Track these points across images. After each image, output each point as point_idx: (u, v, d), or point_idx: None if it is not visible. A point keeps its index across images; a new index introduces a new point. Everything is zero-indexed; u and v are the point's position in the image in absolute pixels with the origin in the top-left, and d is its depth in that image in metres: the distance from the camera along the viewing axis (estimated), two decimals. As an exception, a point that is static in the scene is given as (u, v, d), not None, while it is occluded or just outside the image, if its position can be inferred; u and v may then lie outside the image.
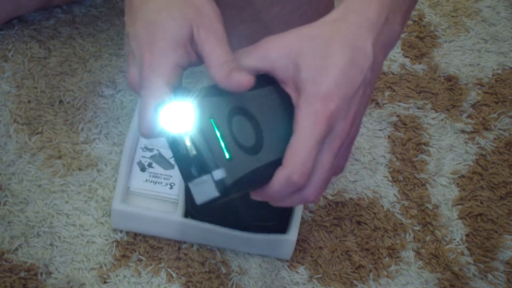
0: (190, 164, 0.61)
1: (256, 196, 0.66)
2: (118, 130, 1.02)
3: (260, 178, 0.64)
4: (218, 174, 0.60)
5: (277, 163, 0.63)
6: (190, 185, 0.62)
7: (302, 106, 0.62)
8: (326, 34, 0.63)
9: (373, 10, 0.64)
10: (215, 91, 0.64)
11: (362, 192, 1.01)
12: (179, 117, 0.61)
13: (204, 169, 0.61)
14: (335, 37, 0.63)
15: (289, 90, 0.64)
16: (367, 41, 0.63)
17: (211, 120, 0.62)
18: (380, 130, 1.07)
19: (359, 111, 0.64)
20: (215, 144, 0.61)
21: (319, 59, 0.62)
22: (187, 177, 0.62)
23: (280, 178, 0.62)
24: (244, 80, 0.63)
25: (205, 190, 0.61)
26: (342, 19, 0.64)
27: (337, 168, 0.66)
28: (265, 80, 0.66)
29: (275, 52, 0.64)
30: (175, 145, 0.62)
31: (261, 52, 0.65)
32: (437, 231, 0.99)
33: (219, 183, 0.60)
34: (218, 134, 0.62)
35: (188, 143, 0.61)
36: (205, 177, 0.61)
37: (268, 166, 0.63)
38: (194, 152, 0.61)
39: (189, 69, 0.68)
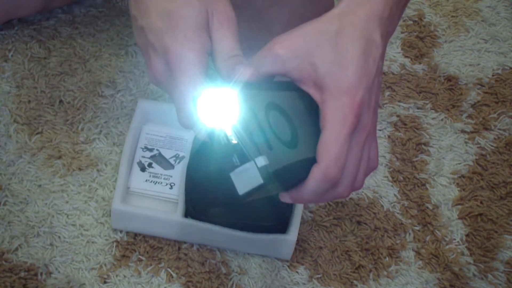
0: (231, 153, 0.61)
1: (287, 198, 0.66)
2: (118, 130, 1.02)
3: (296, 176, 0.63)
4: (262, 161, 0.60)
5: (311, 161, 0.62)
6: (232, 175, 0.61)
7: (328, 102, 0.62)
8: (335, 28, 0.64)
9: (379, 3, 0.65)
10: (250, 85, 0.64)
11: (362, 192, 1.01)
12: (218, 108, 0.61)
13: (246, 157, 0.60)
14: (346, 30, 0.63)
15: (308, 88, 0.64)
16: (376, 32, 0.64)
17: (251, 109, 0.62)
18: (380, 130, 1.07)
19: (377, 100, 0.65)
20: (256, 133, 0.61)
21: (334, 53, 0.63)
22: (228, 165, 0.61)
23: (316, 175, 0.62)
24: (247, 73, 0.64)
25: (248, 178, 0.60)
26: (350, 12, 0.64)
27: (370, 161, 0.66)
28: (288, 85, 0.66)
29: (285, 53, 0.64)
30: (214, 135, 0.62)
31: (271, 55, 0.64)
32: (437, 231, 0.99)
33: (262, 170, 0.59)
34: (258, 124, 0.61)
35: (228, 132, 0.61)
36: (248, 165, 0.60)
37: (304, 163, 0.63)
38: (235, 140, 0.61)
39: None
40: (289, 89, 0.65)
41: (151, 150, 0.99)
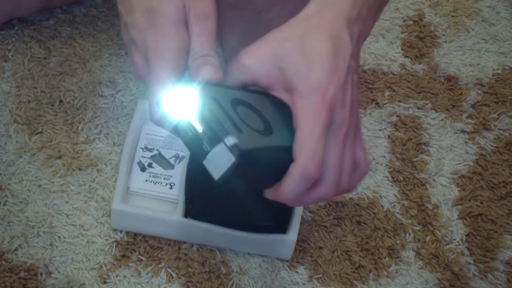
0: (200, 142, 0.60)
1: (270, 195, 0.66)
2: (118, 130, 1.02)
3: (274, 166, 0.62)
4: (231, 139, 0.59)
5: (289, 152, 0.62)
6: (205, 162, 0.60)
7: (299, 102, 0.62)
8: (301, 30, 0.64)
9: (347, 4, 0.65)
10: (217, 83, 0.64)
11: (362, 192, 1.01)
12: (181, 102, 0.61)
13: (215, 140, 0.59)
14: (312, 31, 0.64)
15: (279, 94, 0.64)
16: (343, 31, 0.64)
17: (215, 100, 0.62)
18: (380, 130, 1.07)
19: (354, 99, 0.65)
20: (223, 119, 0.60)
21: (301, 54, 0.63)
22: (200, 156, 0.60)
23: (294, 173, 0.62)
24: (210, 74, 0.64)
25: (221, 161, 0.59)
26: (317, 13, 0.65)
27: (359, 165, 0.66)
28: (258, 91, 0.66)
29: (252, 63, 0.64)
30: (181, 129, 0.62)
31: (238, 66, 0.65)
32: (437, 231, 0.99)
33: (233, 148, 0.58)
34: (225, 113, 0.61)
35: (194, 123, 0.60)
36: (218, 147, 0.59)
37: (281, 153, 0.62)
38: (201, 128, 0.60)
39: None
40: (259, 93, 0.65)
41: (151, 150, 0.99)
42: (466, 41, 1.18)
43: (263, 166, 0.62)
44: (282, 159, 0.62)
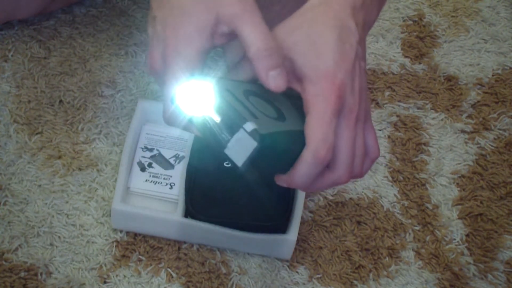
0: (219, 132, 0.61)
1: (282, 181, 0.66)
2: (118, 130, 1.02)
3: (289, 150, 0.63)
4: (250, 125, 0.60)
5: (303, 136, 0.63)
6: (227, 151, 0.61)
7: (309, 88, 0.64)
8: (308, 20, 0.66)
9: None
10: (227, 78, 0.65)
11: (362, 192, 1.01)
12: (196, 95, 0.62)
13: (234, 128, 0.60)
14: (318, 20, 0.65)
15: (290, 84, 0.65)
16: (349, 20, 0.66)
17: (229, 91, 0.62)
18: (380, 130, 1.07)
19: (362, 85, 0.66)
20: (239, 108, 0.61)
21: (309, 43, 0.64)
22: (220, 145, 0.61)
23: (306, 157, 0.63)
24: (282, 82, 0.64)
25: (242, 147, 0.60)
26: (322, 3, 0.66)
27: (370, 149, 0.67)
28: None
29: None
30: (197, 121, 0.62)
31: (249, 63, 0.65)
32: (437, 231, 0.99)
33: (253, 133, 0.60)
34: (240, 102, 0.62)
35: (211, 114, 0.61)
36: (238, 134, 0.60)
37: (296, 136, 0.63)
38: (219, 118, 0.61)
39: None
40: None
41: (151, 150, 0.99)
42: (466, 41, 1.18)
43: (281, 151, 0.63)
44: (299, 144, 0.63)
